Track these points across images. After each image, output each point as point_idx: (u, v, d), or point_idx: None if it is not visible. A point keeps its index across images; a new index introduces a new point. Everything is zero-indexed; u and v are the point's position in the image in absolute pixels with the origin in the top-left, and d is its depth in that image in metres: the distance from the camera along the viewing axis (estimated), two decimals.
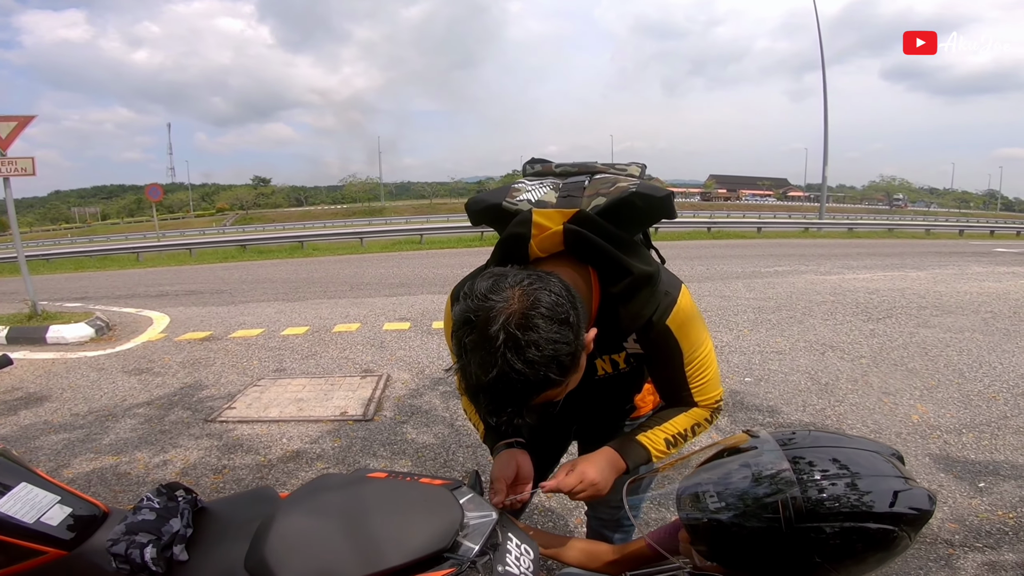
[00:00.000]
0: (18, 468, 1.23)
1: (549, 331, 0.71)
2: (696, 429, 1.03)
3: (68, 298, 8.69)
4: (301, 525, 0.94)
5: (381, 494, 0.97)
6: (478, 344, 0.72)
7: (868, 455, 0.72)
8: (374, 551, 0.86)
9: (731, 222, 23.63)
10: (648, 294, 0.90)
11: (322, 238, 19.44)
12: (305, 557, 0.89)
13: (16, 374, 4.44)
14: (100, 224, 73.37)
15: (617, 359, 1.01)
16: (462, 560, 0.84)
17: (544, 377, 0.72)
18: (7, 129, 5.85)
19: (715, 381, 1.01)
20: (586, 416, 1.23)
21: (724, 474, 0.76)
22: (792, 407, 3.19)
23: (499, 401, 0.75)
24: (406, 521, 0.90)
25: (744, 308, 5.98)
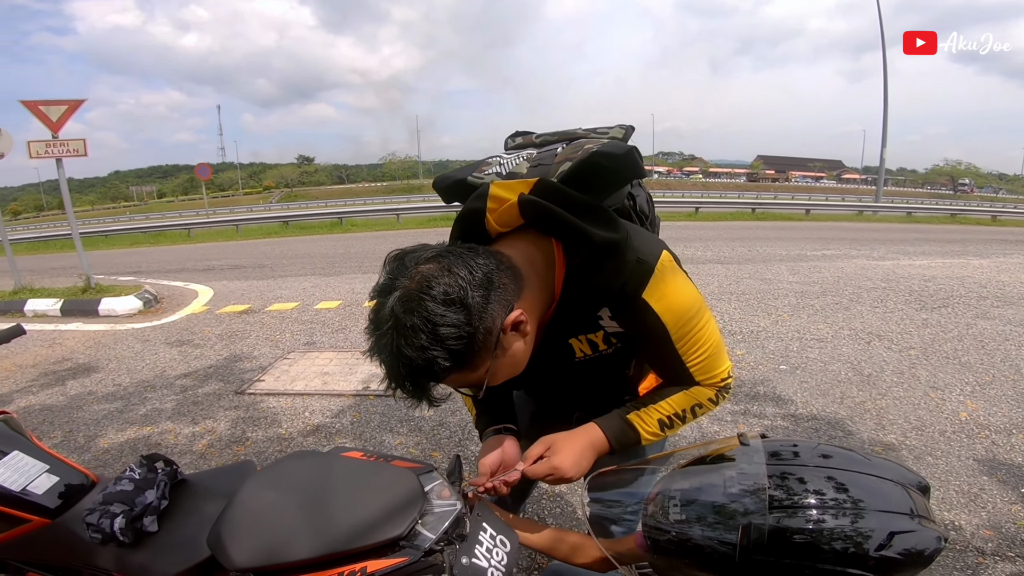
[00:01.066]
0: (15, 436, 1.27)
1: (434, 313, 0.67)
2: (697, 410, 0.93)
3: (122, 272, 9.16)
4: (261, 503, 0.93)
5: (347, 474, 0.95)
6: (374, 327, 0.71)
7: (880, 483, 0.61)
8: (327, 533, 0.84)
9: (778, 203, 22.51)
10: (614, 264, 0.81)
11: (360, 214, 19.83)
12: (257, 535, 0.88)
13: (67, 345, 4.72)
14: (156, 202, 77.11)
15: (595, 339, 0.92)
16: (416, 549, 0.81)
17: (430, 360, 0.68)
18: (58, 113, 6.13)
19: (717, 356, 0.90)
20: (585, 402, 1.15)
21: (696, 483, 0.69)
22: (828, 399, 3.02)
23: (399, 384, 0.73)
24: (364, 505, 0.87)
25: (786, 292, 5.70)
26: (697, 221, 17.04)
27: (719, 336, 0.91)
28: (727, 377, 0.92)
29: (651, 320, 0.83)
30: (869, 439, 2.58)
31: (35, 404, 3.36)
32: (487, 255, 0.75)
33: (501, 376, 0.80)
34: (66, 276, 7.95)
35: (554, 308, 0.86)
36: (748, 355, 3.74)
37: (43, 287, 6.97)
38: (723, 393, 0.94)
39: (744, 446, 0.69)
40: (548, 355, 0.93)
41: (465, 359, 0.70)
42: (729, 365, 0.93)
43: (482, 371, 0.75)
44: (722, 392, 0.93)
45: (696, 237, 11.44)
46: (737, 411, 2.87)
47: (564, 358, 0.95)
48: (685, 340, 0.86)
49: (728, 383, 0.93)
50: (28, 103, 6.11)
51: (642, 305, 0.82)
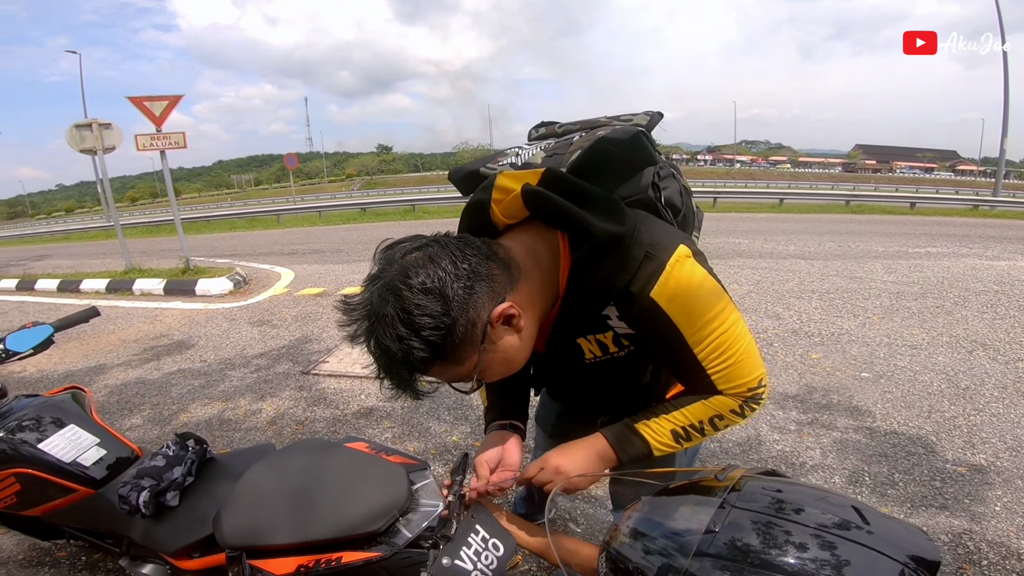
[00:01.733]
0: (75, 410, 1.41)
1: (410, 303, 0.66)
2: (718, 422, 0.84)
3: (219, 255, 10.02)
4: (259, 487, 0.98)
5: (342, 466, 0.99)
6: (356, 313, 0.70)
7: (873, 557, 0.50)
8: (309, 521, 0.88)
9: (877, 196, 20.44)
10: (616, 259, 0.74)
11: (432, 202, 20.34)
12: (248, 517, 0.93)
13: (166, 322, 5.24)
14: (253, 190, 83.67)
15: (604, 340, 0.86)
16: (392, 546, 0.83)
17: (408, 351, 0.67)
18: (160, 108, 6.73)
19: (745, 364, 0.81)
20: (608, 406, 1.11)
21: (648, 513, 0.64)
22: (913, 412, 2.72)
23: (384, 373, 0.72)
24: (349, 497, 0.90)
25: (878, 292, 5.18)
26: (781, 213, 15.90)
27: (749, 339, 0.82)
28: (757, 386, 0.83)
29: (662, 321, 0.76)
30: (953, 458, 2.31)
31: (131, 378, 3.74)
32: (479, 246, 0.73)
33: (494, 372, 0.77)
34: (170, 258, 8.74)
35: (559, 305, 0.82)
36: (825, 359, 3.45)
37: (150, 268, 7.80)
38: (751, 404, 0.84)
39: (716, 481, 0.63)
40: (558, 355, 0.89)
41: (445, 351, 0.68)
42: (761, 373, 0.83)
43: (468, 365, 0.72)
44: (750, 403, 0.83)
45: (778, 230, 10.68)
46: (804, 420, 2.66)
47: (574, 359, 0.90)
48: (704, 344, 0.78)
49: (758, 393, 0.83)
50: (134, 99, 6.72)
51: (650, 305, 0.75)
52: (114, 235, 7.86)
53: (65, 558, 1.85)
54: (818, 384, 3.07)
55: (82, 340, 4.68)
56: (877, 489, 2.12)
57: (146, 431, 2.87)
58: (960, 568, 1.71)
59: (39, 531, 1.52)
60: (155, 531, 1.15)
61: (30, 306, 6.51)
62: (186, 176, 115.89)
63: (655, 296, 0.74)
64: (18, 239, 26.37)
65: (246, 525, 0.92)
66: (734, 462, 2.30)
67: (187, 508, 1.17)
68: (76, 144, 6.98)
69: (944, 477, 2.17)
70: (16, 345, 1.43)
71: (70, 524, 1.35)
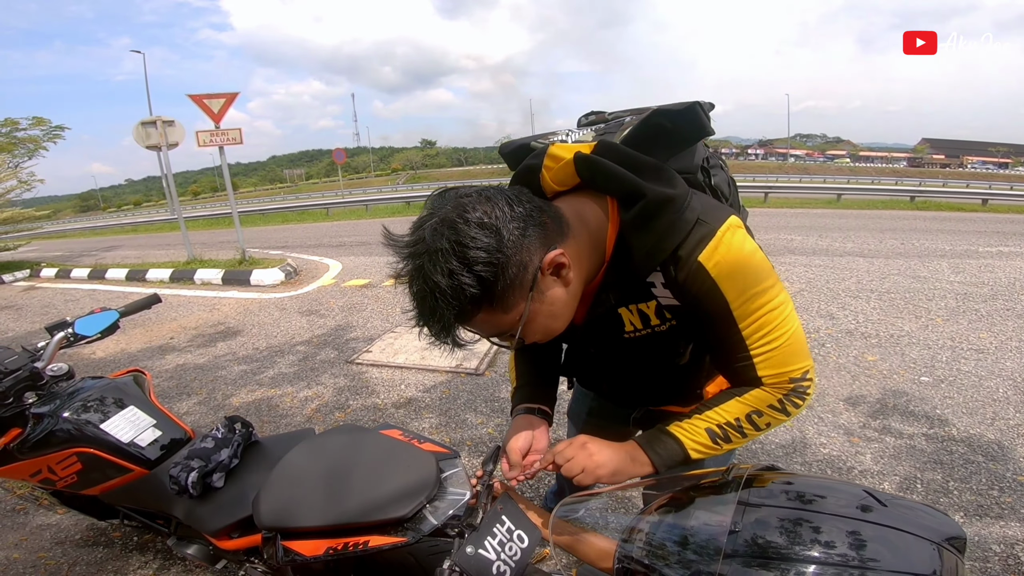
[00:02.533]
0: (135, 392, 1.48)
1: (465, 235, 0.64)
2: (757, 419, 0.79)
3: (272, 247, 10.46)
4: (296, 471, 1.01)
5: (375, 452, 1.01)
6: (407, 251, 0.68)
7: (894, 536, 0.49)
8: (339, 505, 0.90)
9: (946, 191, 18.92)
10: (668, 222, 0.72)
11: None
12: (282, 499, 0.96)
13: (223, 310, 5.52)
14: (304, 183, 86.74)
15: (647, 311, 0.82)
16: (417, 532, 0.84)
17: (459, 288, 0.64)
18: (218, 105, 7.08)
19: (791, 350, 0.76)
20: (644, 396, 1.07)
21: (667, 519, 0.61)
22: (975, 419, 2.54)
23: (426, 317, 0.69)
24: (380, 483, 0.92)
25: (943, 293, 4.86)
26: (838, 209, 15.10)
27: (798, 325, 0.77)
28: (802, 378, 0.77)
29: (708, 288, 0.73)
30: (1015, 467, 2.16)
31: (189, 363, 3.97)
32: (532, 198, 0.73)
33: (538, 326, 0.75)
34: (228, 249, 9.17)
35: (604, 269, 0.80)
36: (882, 362, 3.27)
37: (210, 259, 8.21)
38: (794, 399, 0.78)
39: (726, 481, 0.61)
40: (597, 326, 0.87)
41: (495, 292, 0.66)
42: (808, 364, 0.78)
43: (515, 314, 0.70)
44: (792, 397, 0.78)
45: (835, 226, 10.15)
46: (854, 424, 2.53)
47: (613, 331, 0.87)
48: (750, 320, 0.74)
49: (803, 387, 0.78)
50: (194, 96, 7.10)
51: (697, 269, 0.72)
52: (177, 227, 8.35)
53: (119, 538, 1.96)
54: (872, 387, 2.91)
55: (146, 327, 5.01)
56: (929, 496, 2.02)
57: (201, 415, 3.05)
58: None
59: (96, 511, 1.59)
60: (199, 511, 1.19)
61: (101, 294, 7.00)
62: (242, 171, 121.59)
63: (703, 260, 0.72)
64: (90, 231, 28.29)
65: (281, 507, 0.96)
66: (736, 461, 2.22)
67: (230, 489, 1.21)
68: (142, 141, 7.43)
69: (1003, 486, 2.04)
70: (84, 329, 1.49)
71: (124, 504, 1.41)
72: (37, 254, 12.45)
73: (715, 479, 0.64)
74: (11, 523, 2.13)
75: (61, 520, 2.10)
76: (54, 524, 2.08)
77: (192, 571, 1.79)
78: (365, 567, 1.19)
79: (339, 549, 0.87)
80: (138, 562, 1.84)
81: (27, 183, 10.83)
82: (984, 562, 1.69)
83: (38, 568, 1.86)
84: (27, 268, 9.23)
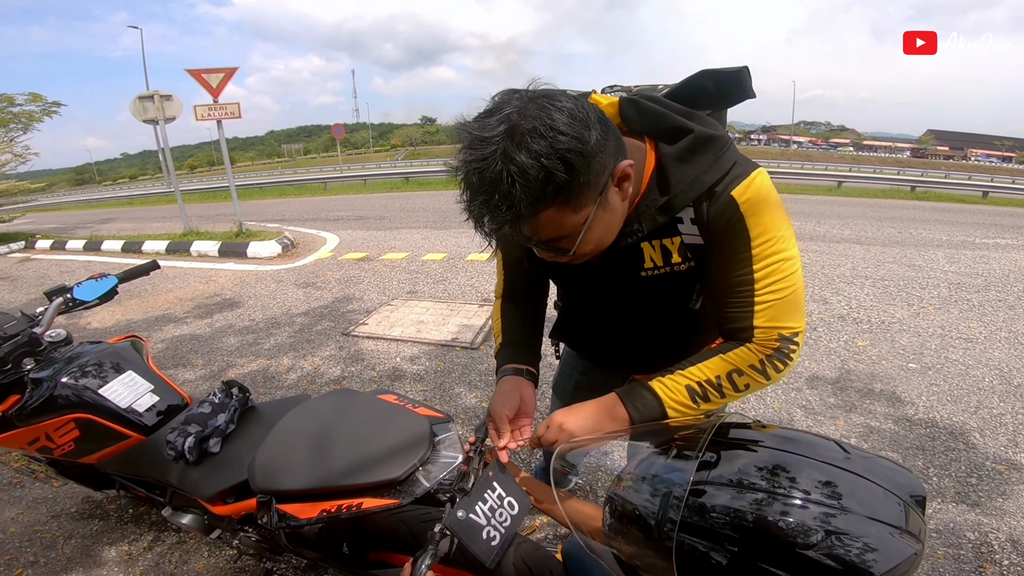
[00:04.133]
0: (134, 357, 1.45)
1: (558, 120, 0.62)
2: (737, 379, 0.80)
3: (269, 220, 10.39)
4: (289, 435, 1.01)
5: (369, 415, 1.01)
6: (476, 137, 0.64)
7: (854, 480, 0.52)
8: (333, 467, 0.90)
9: (948, 183, 18.82)
10: (712, 158, 0.75)
11: None
12: (276, 463, 0.96)
13: (219, 282, 5.51)
14: (302, 158, 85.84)
15: (670, 247, 0.83)
16: (410, 495, 0.85)
17: (546, 173, 0.62)
18: (217, 80, 7.00)
19: (791, 305, 0.78)
20: (642, 355, 1.06)
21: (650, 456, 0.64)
22: (959, 406, 2.59)
23: (493, 205, 0.64)
24: (372, 446, 0.92)
25: (937, 282, 4.89)
26: (838, 196, 15.05)
27: (802, 285, 0.79)
28: (790, 339, 0.78)
29: (735, 221, 0.75)
30: (994, 455, 2.20)
31: (185, 333, 3.98)
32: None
33: (594, 235, 0.74)
34: (225, 222, 9.12)
35: (638, 201, 0.81)
36: (871, 347, 3.31)
37: (206, 231, 8.16)
38: (776, 361, 0.79)
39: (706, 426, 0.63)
40: (615, 261, 0.86)
41: (575, 186, 0.64)
42: (801, 326, 0.79)
43: (581, 216, 0.69)
44: (774, 360, 0.79)
45: (833, 213, 10.14)
46: (840, 406, 2.58)
47: (631, 268, 0.87)
48: (765, 263, 0.76)
49: (789, 349, 0.79)
50: (192, 71, 7.02)
51: (728, 202, 0.75)
52: (174, 200, 8.28)
53: (114, 511, 1.97)
54: (861, 372, 2.95)
55: (143, 297, 5.01)
56: None
57: (196, 385, 3.07)
58: (980, 566, 1.66)
59: (93, 481, 1.57)
60: (195, 477, 1.18)
61: (96, 265, 6.97)
62: (240, 145, 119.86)
63: (735, 195, 0.74)
64: (85, 203, 27.93)
65: (276, 470, 0.96)
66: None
67: (226, 454, 1.20)
68: (139, 114, 7.33)
69: (981, 474, 2.08)
70: (83, 295, 1.47)
71: (121, 473, 1.39)
72: (32, 226, 12.29)
73: (699, 426, 0.66)
74: (7, 497, 2.12)
75: (57, 493, 2.11)
76: (50, 497, 2.09)
77: (186, 542, 1.80)
78: (357, 534, 1.19)
79: (332, 511, 0.87)
80: (133, 534, 1.85)
81: (22, 156, 10.68)
82: (957, 548, 1.72)
83: (34, 541, 1.86)
84: (22, 240, 9.16)
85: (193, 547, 1.78)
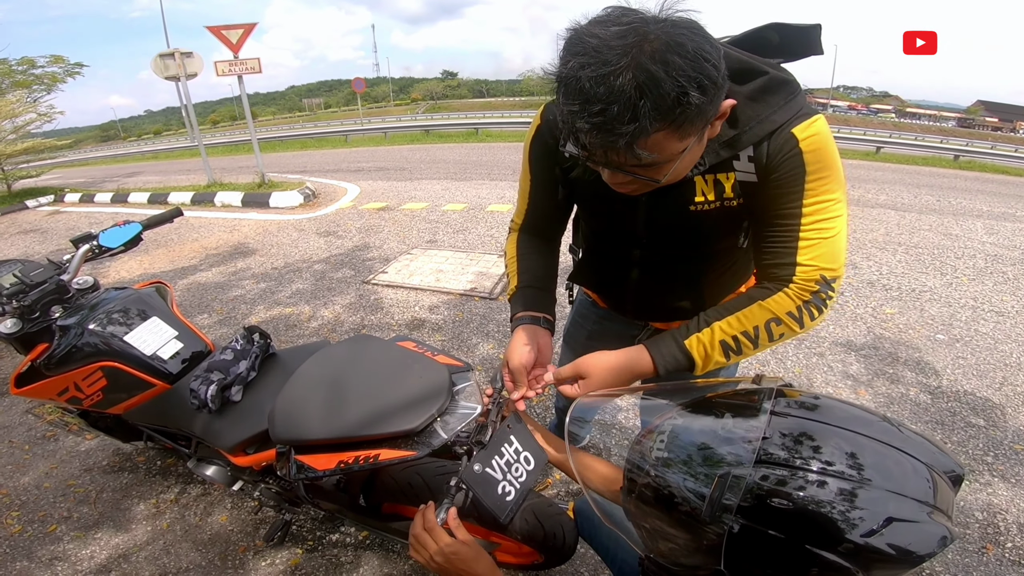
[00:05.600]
0: (158, 304, 1.44)
1: (705, 41, 0.60)
2: (774, 328, 0.77)
3: (291, 171, 10.38)
4: (308, 383, 0.99)
5: (388, 362, 0.98)
6: (605, 43, 0.58)
7: (903, 461, 0.50)
8: (351, 417, 0.88)
9: (994, 154, 17.81)
10: (784, 98, 0.75)
11: (496, 125, 19.86)
12: (294, 413, 0.94)
13: (243, 231, 5.56)
14: (323, 112, 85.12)
15: (723, 182, 0.80)
16: (427, 447, 0.83)
17: (680, 92, 0.58)
18: (236, 35, 6.89)
19: (836, 249, 0.76)
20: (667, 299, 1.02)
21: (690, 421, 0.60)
22: (984, 381, 2.52)
23: (611, 117, 0.59)
24: (390, 395, 0.89)
25: (973, 253, 4.68)
26: (876, 161, 14.37)
27: (847, 233, 0.78)
28: (830, 283, 0.76)
29: (792, 156, 0.74)
30: (1013, 434, 2.15)
31: (210, 281, 4.05)
32: None
33: (684, 167, 0.71)
34: (248, 174, 9.13)
35: None
36: (900, 316, 3.21)
37: (230, 182, 8.20)
38: (812, 308, 0.77)
39: (756, 388, 0.60)
40: (667, 193, 0.82)
41: (696, 112, 0.61)
42: (841, 272, 0.77)
43: (683, 145, 0.66)
44: (811, 306, 0.77)
45: (870, 178, 9.71)
46: (862, 374, 2.53)
47: (682, 202, 0.83)
48: (816, 201, 0.75)
49: (827, 294, 0.77)
50: (212, 28, 6.89)
51: (789, 137, 0.74)
52: (198, 154, 8.29)
53: (143, 463, 2.00)
54: (886, 340, 2.88)
55: (169, 247, 5.09)
56: None
57: (219, 331, 3.14)
58: (984, 547, 1.63)
59: (122, 433, 1.59)
60: (217, 426, 1.17)
61: (124, 216, 7.09)
62: (262, 101, 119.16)
63: (796, 132, 0.74)
64: (111, 159, 28.12)
65: (294, 420, 0.93)
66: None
67: (247, 403, 1.19)
68: (161, 72, 7.30)
69: (998, 453, 2.03)
70: (109, 241, 1.46)
71: (148, 423, 1.39)
72: (60, 181, 12.46)
73: (742, 390, 0.63)
74: (41, 451, 2.15)
75: (89, 446, 2.14)
76: (83, 451, 2.12)
77: (210, 493, 1.84)
78: (373, 486, 1.18)
79: (349, 463, 0.86)
80: (160, 486, 1.89)
81: (47, 115, 10.73)
82: (964, 528, 1.70)
83: (67, 496, 1.89)
84: (51, 194, 9.29)
85: (217, 499, 1.83)
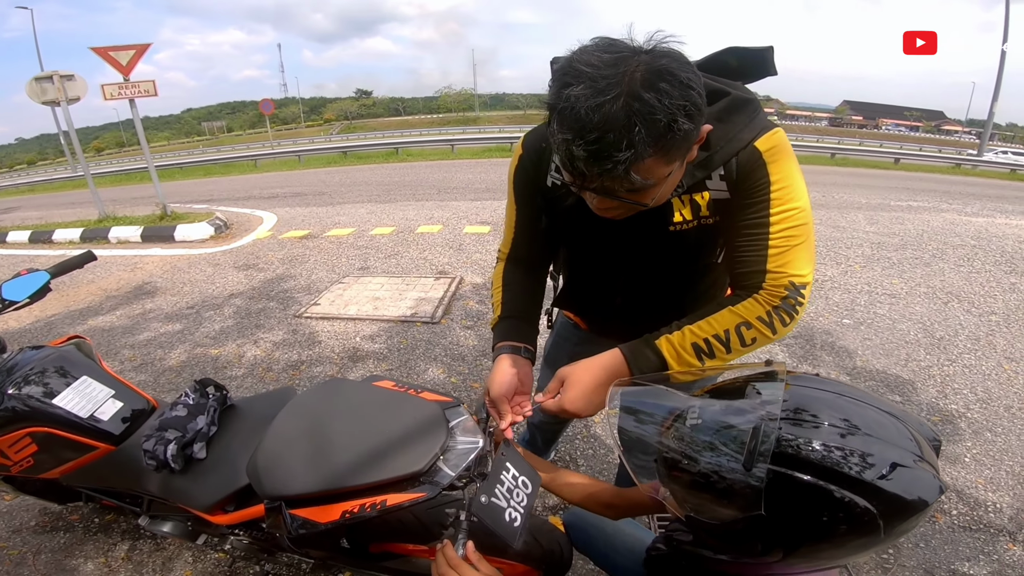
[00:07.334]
0: (84, 361, 1.31)
1: (690, 70, 0.64)
2: (745, 332, 0.79)
3: (196, 200, 9.67)
4: (292, 433, 0.94)
5: (374, 406, 0.95)
6: (598, 71, 0.61)
7: (891, 421, 0.57)
8: (350, 466, 0.85)
9: (863, 150, 20.28)
10: (748, 117, 0.79)
11: (416, 144, 19.74)
12: (285, 466, 0.89)
13: (147, 269, 5.08)
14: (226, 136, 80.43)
15: (699, 202, 0.84)
16: (436, 486, 0.81)
17: (671, 118, 0.61)
18: (127, 57, 6.37)
19: (804, 254, 0.80)
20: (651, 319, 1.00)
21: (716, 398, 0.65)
22: (891, 359, 2.82)
23: (606, 145, 0.62)
24: (388, 438, 0.87)
25: (860, 242, 5.25)
26: None
27: (814, 239, 0.82)
28: (799, 289, 0.79)
29: (757, 168, 0.79)
30: (928, 405, 2.41)
31: (115, 325, 3.66)
32: None
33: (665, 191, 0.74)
34: (145, 205, 8.38)
35: None
36: (809, 305, 3.50)
37: (125, 215, 7.48)
38: (782, 314, 0.79)
39: (768, 366, 0.65)
40: (646, 216, 0.83)
41: (684, 139, 0.65)
42: (809, 279, 0.81)
43: (667, 170, 0.69)
44: (781, 312, 0.79)
45: None
46: (787, 358, 2.75)
47: (661, 223, 0.86)
48: (783, 207, 0.79)
49: (797, 300, 0.80)
50: (97, 49, 6.31)
51: (752, 151, 0.78)
52: (82, 185, 7.53)
53: (78, 521, 1.81)
54: (801, 327, 3.14)
55: (60, 291, 4.51)
56: None
57: (136, 378, 2.83)
58: (932, 516, 1.76)
59: (54, 494, 1.44)
60: (183, 486, 1.09)
61: (2, 259, 6.27)
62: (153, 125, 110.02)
63: (759, 145, 0.78)
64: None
65: (282, 474, 0.89)
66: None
67: (215, 460, 1.11)
68: (37, 97, 6.63)
69: None
70: (12, 294, 1.30)
71: (88, 485, 1.27)
72: None
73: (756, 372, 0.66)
74: None
75: (9, 506, 1.90)
76: (4, 512, 1.88)
77: (166, 548, 1.69)
78: (357, 528, 1.13)
79: (355, 512, 0.83)
80: (105, 544, 1.71)
81: None
82: None
83: (2, 559, 1.70)
84: None
85: (174, 552, 1.67)
